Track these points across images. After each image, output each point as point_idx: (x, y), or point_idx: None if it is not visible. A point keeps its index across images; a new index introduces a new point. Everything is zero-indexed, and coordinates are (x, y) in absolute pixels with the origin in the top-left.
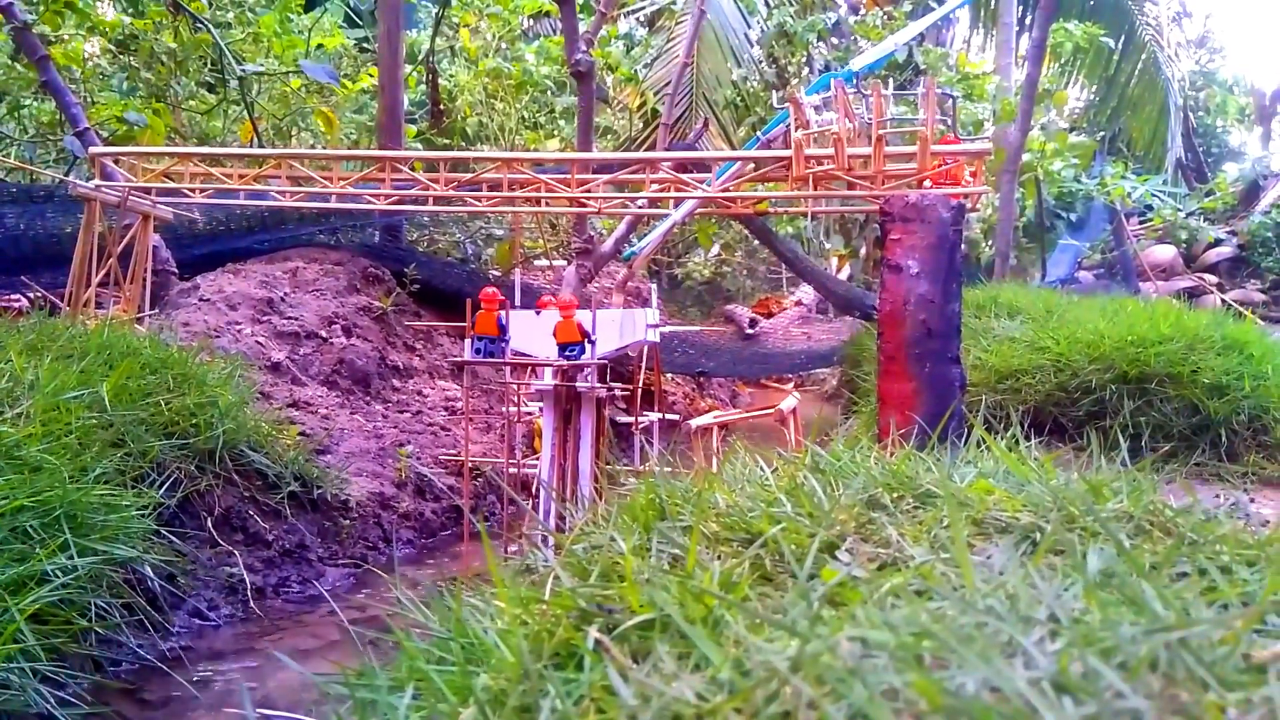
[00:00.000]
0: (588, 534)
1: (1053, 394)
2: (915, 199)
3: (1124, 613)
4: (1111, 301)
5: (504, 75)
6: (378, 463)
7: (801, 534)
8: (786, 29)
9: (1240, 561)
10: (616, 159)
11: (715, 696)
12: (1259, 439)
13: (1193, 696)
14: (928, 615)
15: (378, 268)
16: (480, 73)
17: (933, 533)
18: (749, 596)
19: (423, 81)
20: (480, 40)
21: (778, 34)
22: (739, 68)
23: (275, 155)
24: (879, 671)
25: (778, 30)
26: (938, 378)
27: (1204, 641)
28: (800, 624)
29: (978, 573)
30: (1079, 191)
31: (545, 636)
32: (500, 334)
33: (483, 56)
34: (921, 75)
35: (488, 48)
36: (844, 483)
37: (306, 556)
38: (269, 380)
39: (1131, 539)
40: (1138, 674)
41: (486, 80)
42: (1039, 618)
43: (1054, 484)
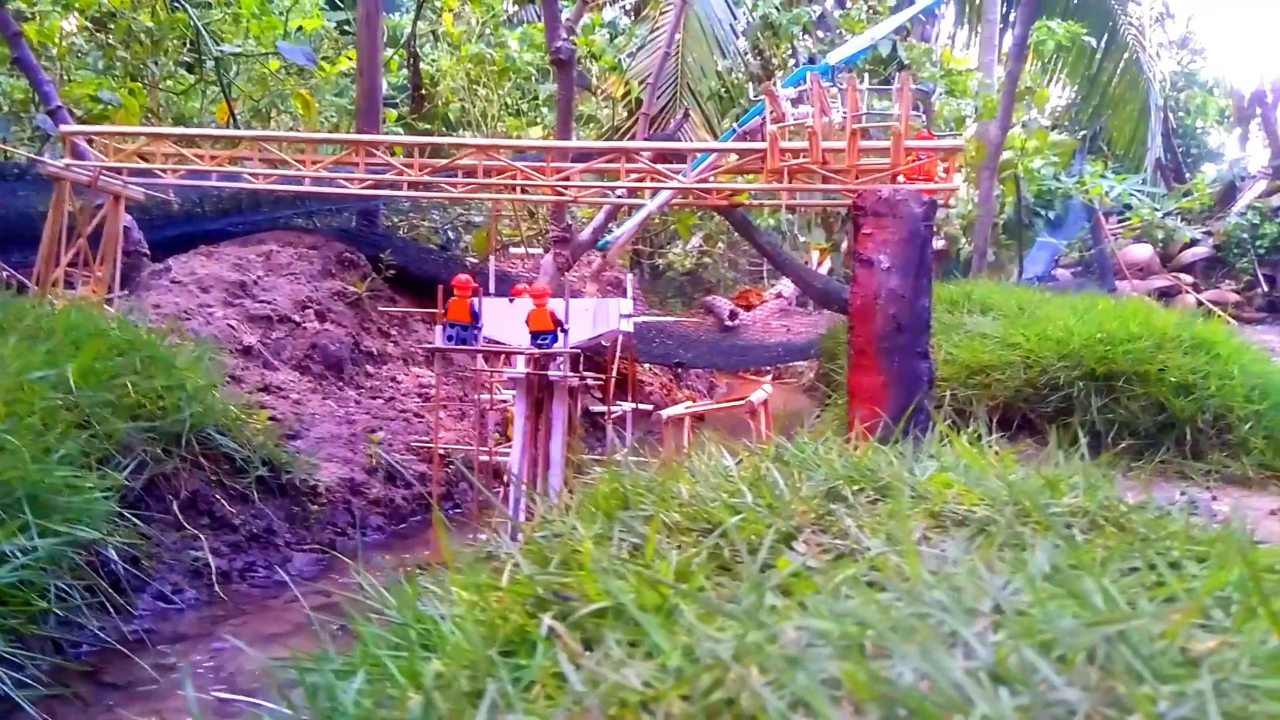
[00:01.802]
0: (550, 522)
1: (1021, 390)
2: (888, 194)
3: (1066, 606)
4: (1082, 299)
5: (486, 61)
6: (349, 448)
7: (760, 525)
8: (771, 21)
9: (1190, 557)
10: (592, 148)
11: (663, 684)
12: (1223, 438)
13: (1127, 689)
14: (873, 606)
15: (353, 252)
16: (463, 58)
17: (890, 525)
18: (704, 586)
19: (404, 65)
20: (464, 25)
21: (763, 25)
22: (724, 59)
23: (248, 137)
24: (820, 661)
25: (763, 22)
26: (906, 372)
27: (1143, 635)
28: (745, 613)
29: (928, 565)
30: (1058, 190)
31: (500, 623)
32: (473, 321)
33: (466, 41)
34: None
35: (471, 33)
36: (807, 475)
37: (273, 541)
38: (240, 364)
39: (1085, 534)
40: (1073, 666)
41: (469, 66)
42: (983, 610)
43: (1011, 479)
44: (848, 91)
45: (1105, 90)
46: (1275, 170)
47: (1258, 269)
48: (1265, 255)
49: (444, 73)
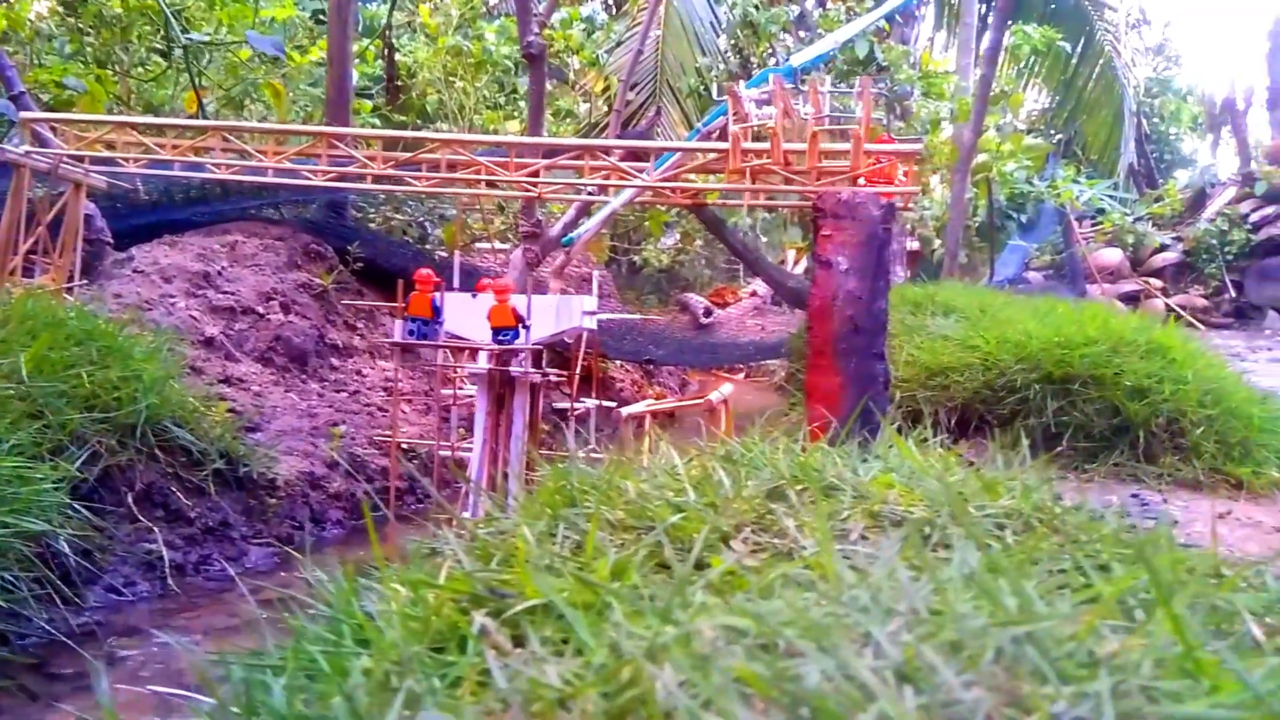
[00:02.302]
0: (495, 519)
1: (980, 392)
2: (847, 196)
3: (982, 607)
4: (1043, 303)
5: (463, 53)
6: (310, 442)
7: (701, 523)
8: (751, 19)
9: (1119, 560)
10: (556, 144)
11: (585, 681)
12: (1176, 441)
13: (1027, 688)
14: (792, 606)
15: (320, 244)
16: (439, 50)
17: (829, 524)
18: (637, 583)
19: (380, 56)
20: (442, 17)
21: (742, 24)
22: (704, 56)
23: (211, 127)
24: (731, 659)
25: (742, 20)
26: (863, 373)
27: (1051, 636)
28: (660, 611)
29: (858, 564)
30: (1030, 193)
31: (433, 619)
32: (434, 316)
33: (443, 33)
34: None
35: (449, 24)
36: (753, 474)
37: (229, 535)
38: (201, 355)
39: (1018, 535)
40: (977, 666)
41: (446, 58)
42: (899, 610)
43: (952, 480)
44: (809, 93)
45: (1080, 95)
46: (1245, 177)
47: (1225, 275)
48: (1233, 261)
49: (421, 64)
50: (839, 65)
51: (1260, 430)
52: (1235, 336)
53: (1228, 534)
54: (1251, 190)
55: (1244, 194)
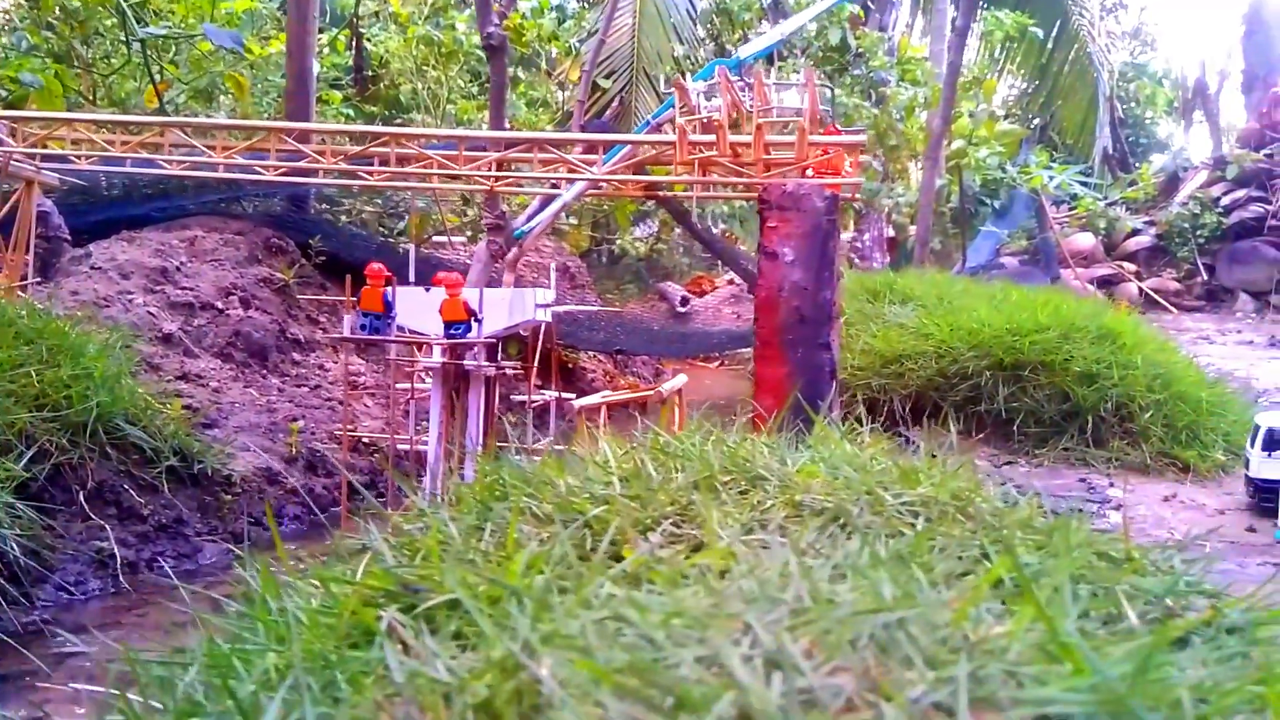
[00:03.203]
0: (424, 514)
1: (933, 379)
2: (792, 188)
3: (866, 594)
4: (1000, 290)
5: (434, 43)
6: (268, 437)
7: (626, 515)
8: (725, 6)
9: (1028, 545)
10: (504, 138)
11: (485, 674)
12: (1125, 425)
13: (889, 673)
14: (676, 597)
15: (281, 238)
16: (410, 40)
17: (748, 515)
18: (547, 577)
19: (349, 46)
20: (413, 6)
21: (717, 11)
22: (681, 45)
23: (159, 123)
24: (614, 651)
25: (716, 7)
26: (809, 363)
27: (930, 621)
28: (538, 603)
29: (774, 553)
30: (1003, 179)
31: (347, 616)
32: (386, 310)
33: (414, 22)
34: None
35: (420, 14)
36: (685, 465)
37: (183, 532)
38: (159, 352)
39: (930, 522)
40: (846, 652)
41: (418, 48)
42: (784, 599)
43: (874, 469)
44: (754, 86)
45: (1056, 80)
46: (1216, 161)
47: (1198, 258)
48: (1205, 244)
49: (392, 54)
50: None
51: (1209, 414)
52: (1207, 319)
53: (1170, 516)
54: (1223, 174)
55: (1215, 177)
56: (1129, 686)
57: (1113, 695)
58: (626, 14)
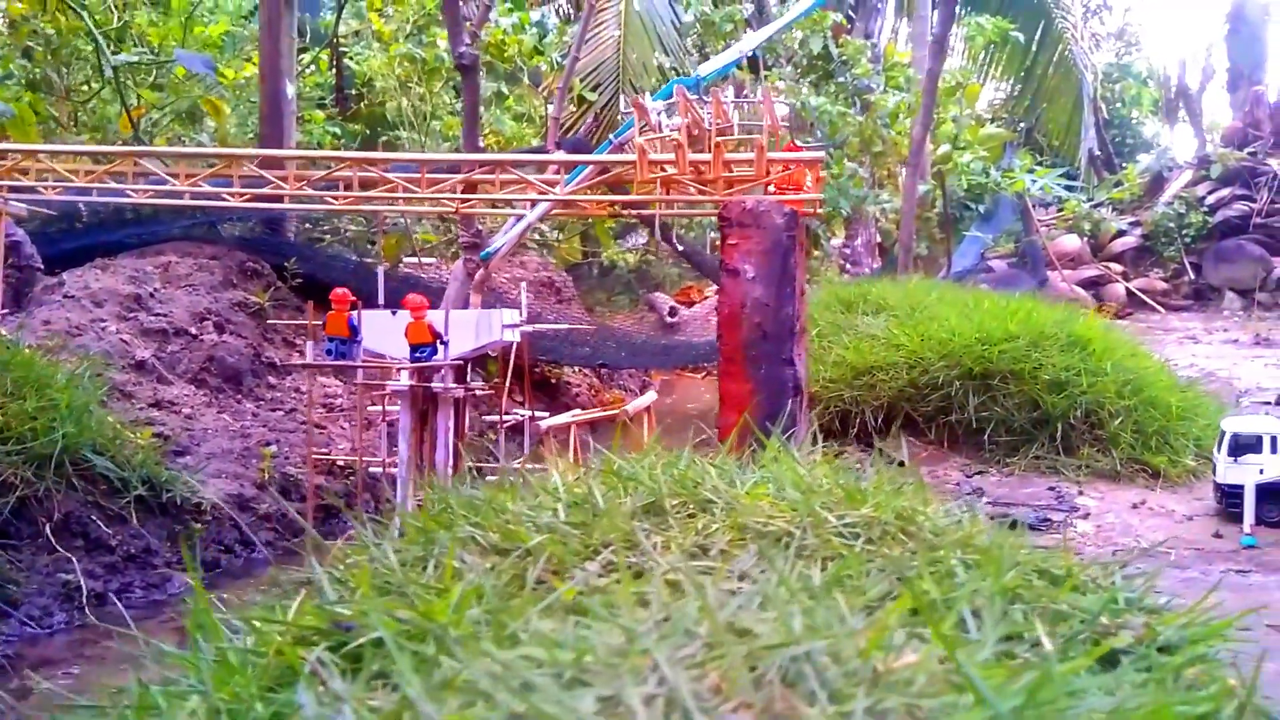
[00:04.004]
0: (364, 547)
1: (904, 390)
2: (751, 205)
3: (779, 627)
4: (973, 297)
5: (416, 60)
6: (240, 463)
7: (568, 544)
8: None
9: (965, 564)
10: (465, 159)
11: (404, 714)
12: (1094, 433)
13: (790, 708)
14: (583, 636)
15: (257, 262)
16: (391, 58)
17: (691, 540)
18: (476, 612)
19: (332, 66)
20: (395, 24)
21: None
22: (667, 56)
23: (121, 152)
24: (506, 693)
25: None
26: (772, 379)
27: (840, 652)
28: (440, 642)
29: (694, 584)
30: (987, 183)
31: (275, 656)
32: (352, 335)
33: (395, 40)
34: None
35: (401, 31)
36: (634, 489)
37: (151, 562)
38: (132, 379)
39: (873, 543)
40: (741, 688)
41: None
42: (699, 632)
43: (819, 489)
44: (712, 103)
45: (1040, 83)
46: (1201, 160)
47: (1184, 257)
48: (1191, 244)
49: (374, 72)
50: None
51: (1180, 419)
52: (1194, 318)
53: (1139, 524)
54: (1207, 173)
55: (1200, 176)
56: (1019, 717)
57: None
58: (611, 26)
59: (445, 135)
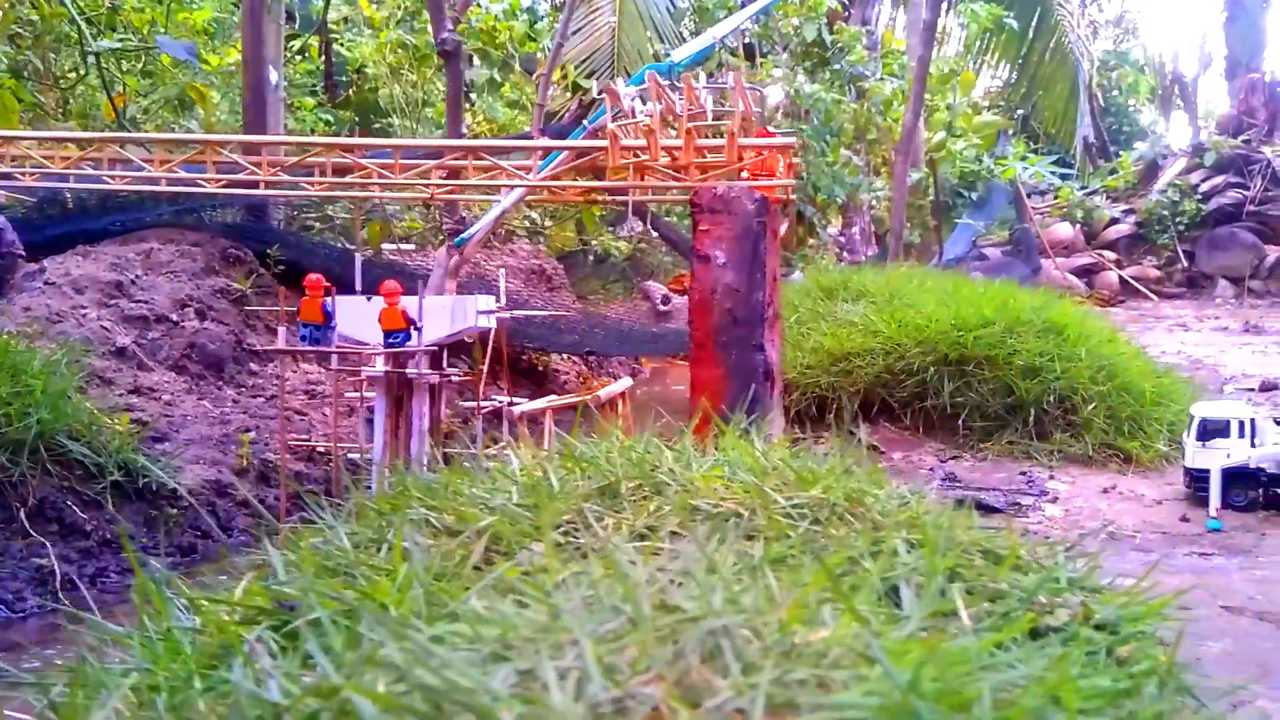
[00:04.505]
0: (320, 528)
1: (881, 376)
2: (722, 191)
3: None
4: (953, 284)
5: (408, 47)
6: (219, 449)
7: (518, 525)
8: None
9: (910, 543)
10: (439, 145)
11: (308, 696)
12: (1068, 418)
13: (700, 680)
14: (513, 611)
15: (239, 248)
16: (382, 44)
17: (644, 520)
18: (418, 591)
19: (322, 52)
20: (387, 10)
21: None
22: (661, 42)
23: (99, 139)
24: (424, 672)
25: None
26: (743, 364)
27: (761, 627)
28: (371, 623)
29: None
30: (979, 171)
31: (217, 635)
32: (326, 320)
33: (385, 27)
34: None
35: (392, 18)
36: (591, 472)
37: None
38: (112, 366)
39: (820, 524)
40: (653, 661)
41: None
42: (626, 609)
43: (776, 471)
44: (684, 90)
45: (1036, 71)
46: (1195, 148)
47: (1178, 245)
48: (1185, 231)
49: (364, 59)
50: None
51: (1153, 405)
52: (1186, 306)
53: (1107, 508)
54: (1201, 161)
55: (1194, 164)
56: (915, 688)
57: (897, 699)
58: (606, 13)
59: (438, 122)
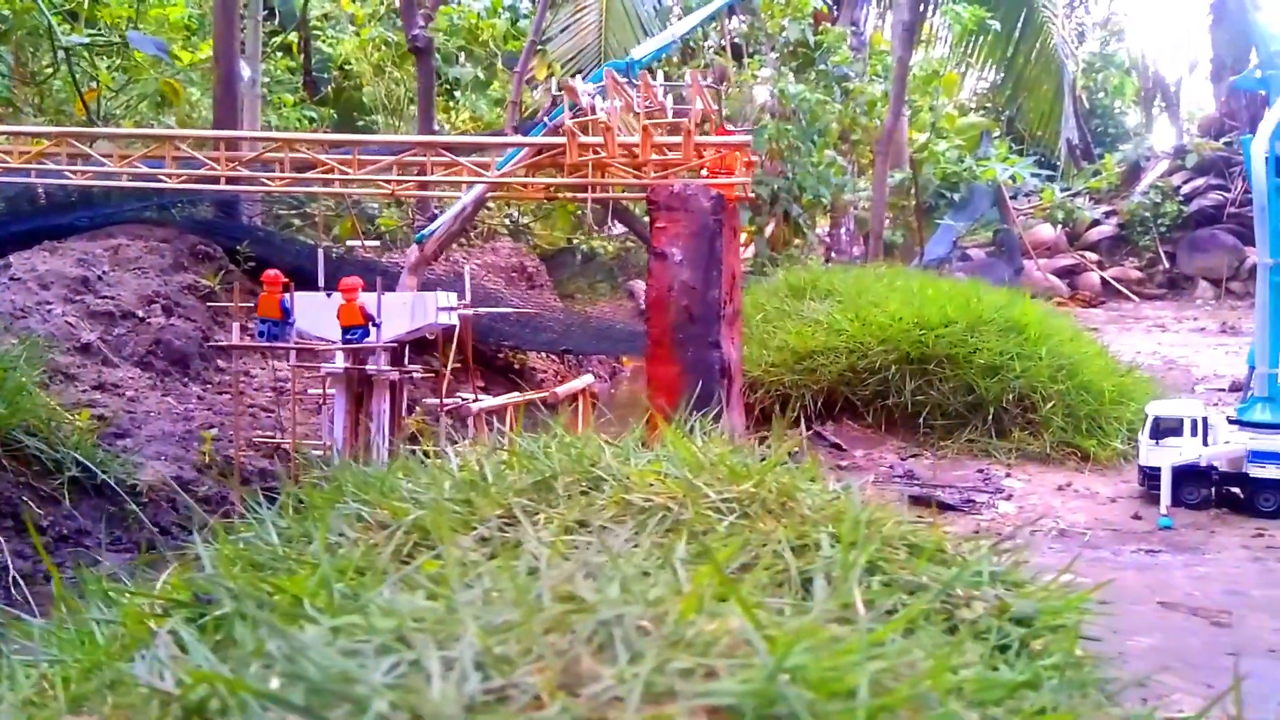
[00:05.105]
0: (251, 523)
1: (844, 374)
2: (678, 189)
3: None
4: (920, 284)
5: (390, 44)
6: (181, 446)
7: (449, 520)
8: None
9: (833, 539)
10: (398, 141)
11: (196, 686)
12: (1027, 416)
13: (584, 670)
14: (413, 604)
15: (209, 245)
16: (364, 41)
17: (576, 515)
18: (334, 585)
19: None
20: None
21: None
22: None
23: (56, 134)
24: (296, 665)
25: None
26: (699, 362)
27: (654, 618)
28: (251, 619)
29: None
30: (962, 172)
31: (130, 626)
32: (284, 317)
33: (367, 24)
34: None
35: (376, 14)
36: (530, 467)
37: (84, 543)
38: (76, 362)
39: (749, 518)
40: (532, 654)
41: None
42: (525, 601)
43: (711, 466)
44: (641, 87)
45: (1021, 73)
46: (1177, 150)
47: (1159, 246)
48: (1166, 233)
49: (346, 56)
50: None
51: (1113, 403)
52: (1166, 306)
53: (1060, 505)
54: (1183, 163)
55: (1176, 166)
56: (779, 674)
57: (765, 686)
58: (593, 11)
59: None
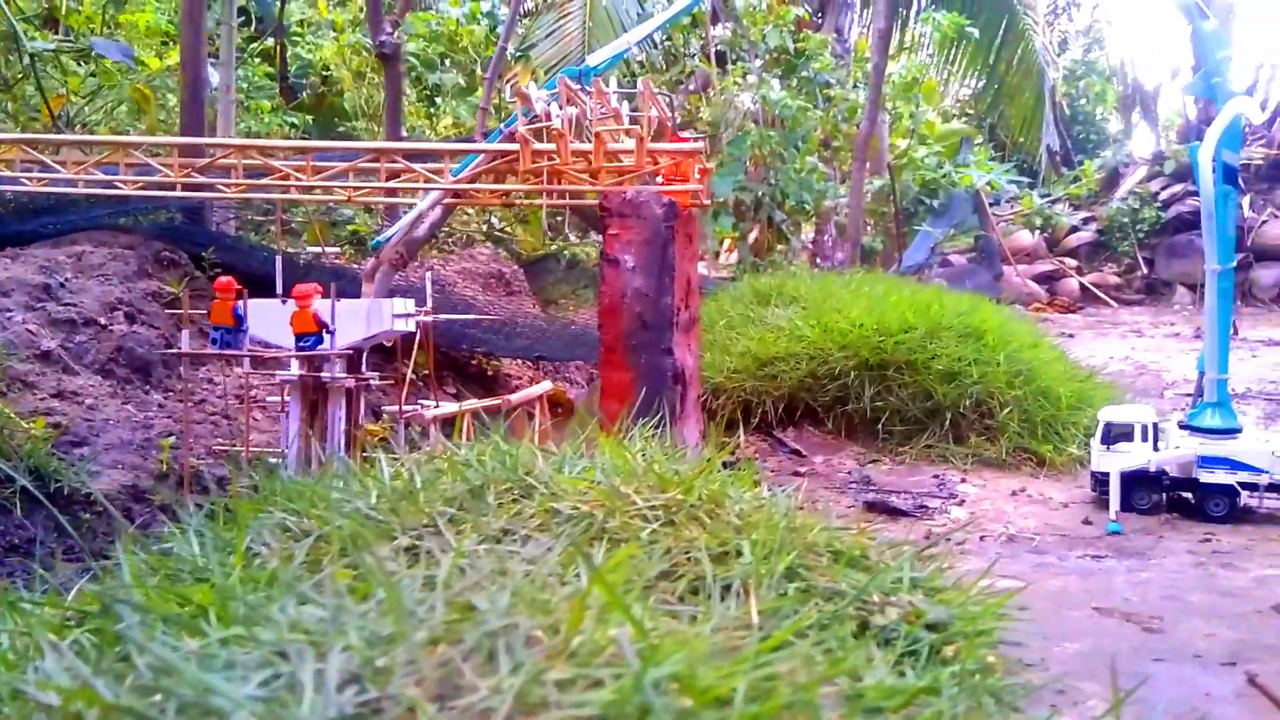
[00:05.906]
0: (173, 533)
1: (804, 380)
2: (630, 195)
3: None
4: (885, 290)
5: (367, 50)
6: (140, 454)
7: (369, 530)
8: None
9: (755, 544)
10: (350, 148)
11: (77, 696)
12: (984, 422)
13: (465, 681)
14: (293, 616)
15: (174, 251)
16: (342, 47)
17: (503, 523)
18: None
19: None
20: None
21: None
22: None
23: (9, 140)
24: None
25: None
26: (652, 368)
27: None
28: (145, 630)
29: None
30: (940, 178)
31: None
32: (237, 324)
33: (344, 30)
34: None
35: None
36: (461, 476)
37: (35, 553)
38: (35, 369)
39: (674, 525)
40: (412, 666)
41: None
42: (423, 611)
43: (628, 472)
44: (594, 94)
45: (1003, 80)
46: (1156, 157)
47: (1138, 252)
48: (1145, 239)
49: (324, 62)
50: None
51: (1070, 409)
52: (1144, 312)
53: (1012, 510)
54: (1162, 169)
55: (1155, 172)
56: (648, 684)
57: (632, 696)
58: (577, 18)
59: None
